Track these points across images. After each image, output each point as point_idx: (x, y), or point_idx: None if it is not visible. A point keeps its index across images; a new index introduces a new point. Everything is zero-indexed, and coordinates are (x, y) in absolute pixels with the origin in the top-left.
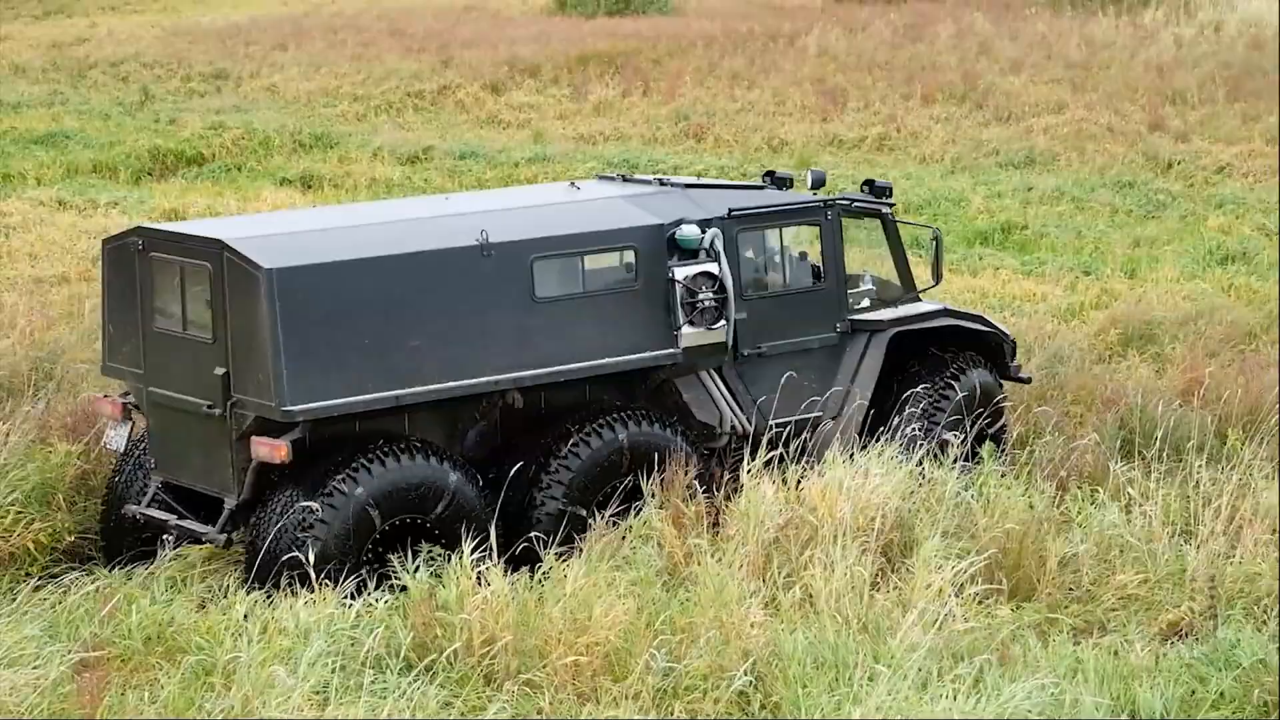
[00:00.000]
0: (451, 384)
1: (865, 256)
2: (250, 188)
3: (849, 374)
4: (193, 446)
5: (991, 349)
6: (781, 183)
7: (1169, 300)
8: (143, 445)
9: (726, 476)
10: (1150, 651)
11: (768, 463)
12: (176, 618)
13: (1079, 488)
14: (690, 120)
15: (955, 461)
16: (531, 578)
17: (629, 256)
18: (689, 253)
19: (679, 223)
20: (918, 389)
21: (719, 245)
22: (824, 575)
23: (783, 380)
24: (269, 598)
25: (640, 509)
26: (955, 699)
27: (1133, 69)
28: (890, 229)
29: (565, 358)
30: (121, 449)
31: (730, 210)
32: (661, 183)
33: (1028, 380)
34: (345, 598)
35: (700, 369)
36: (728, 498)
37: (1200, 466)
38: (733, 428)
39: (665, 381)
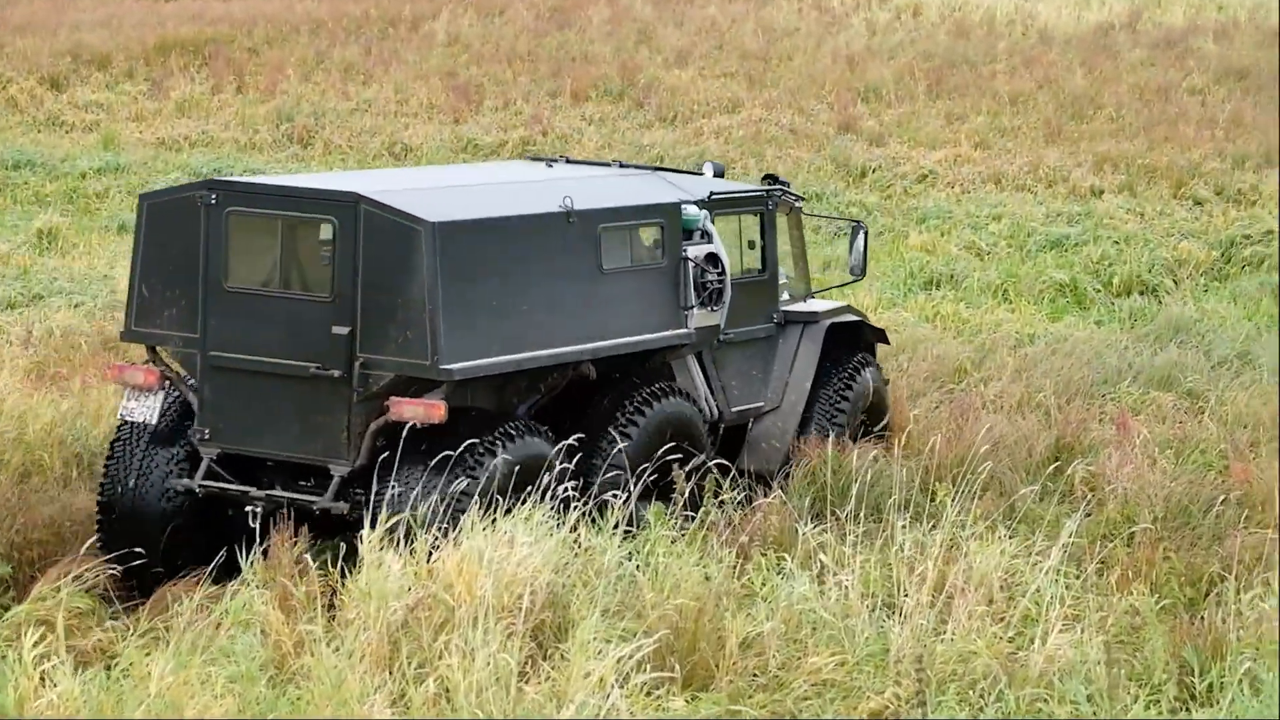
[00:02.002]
0: (558, 350)
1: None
2: None
3: (786, 365)
4: (282, 413)
5: (869, 347)
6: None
7: None
8: (168, 416)
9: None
10: None
11: (391, 530)
12: None
13: (763, 555)
14: (294, 122)
15: None
16: (108, 675)
17: (657, 234)
18: (687, 233)
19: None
20: (828, 384)
21: (710, 227)
22: (463, 665)
23: (741, 368)
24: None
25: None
26: None
27: (819, 61)
28: (798, 224)
29: (622, 331)
30: (153, 421)
31: (711, 193)
32: (621, 165)
33: (887, 382)
34: None
35: (694, 351)
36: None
37: (903, 527)
38: (705, 415)
39: (663, 364)
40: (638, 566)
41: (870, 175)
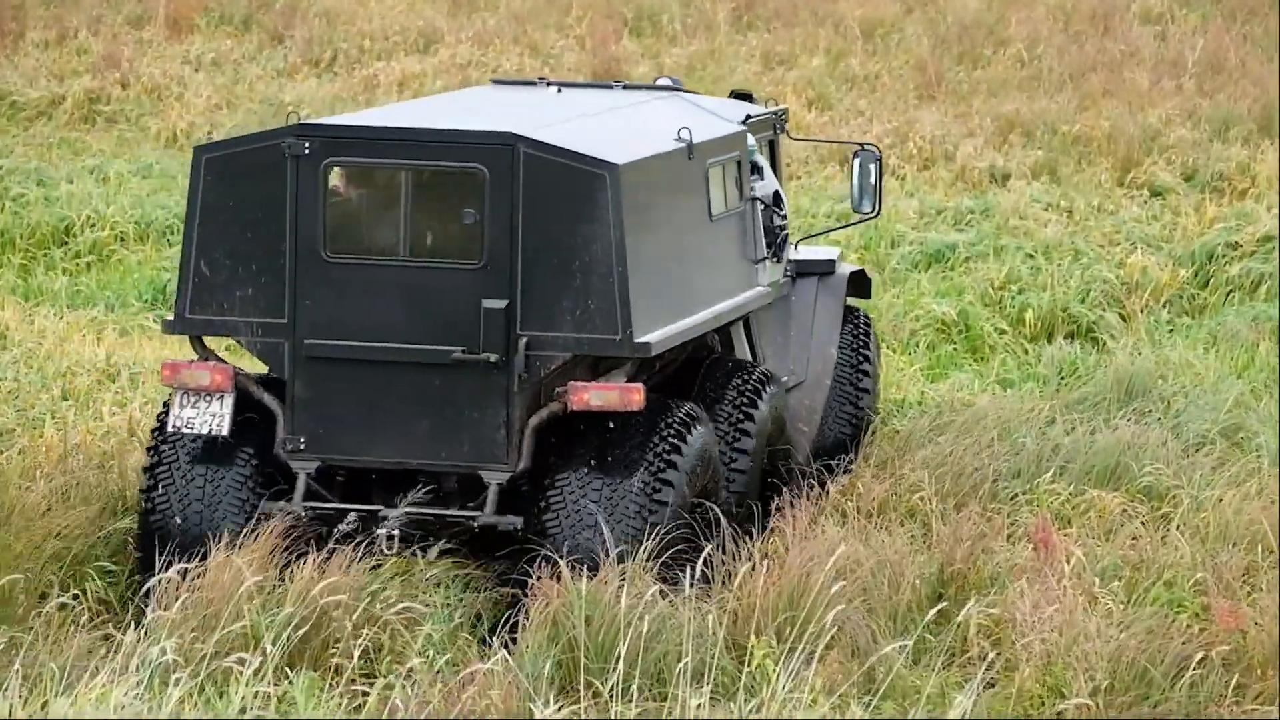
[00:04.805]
0: (707, 312)
1: None
2: None
3: (805, 328)
4: (409, 411)
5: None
6: None
7: None
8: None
9: None
10: None
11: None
12: None
13: None
14: None
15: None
16: None
17: (735, 170)
18: None
19: None
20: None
21: (761, 159)
22: None
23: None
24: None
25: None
26: None
27: None
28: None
29: (730, 289)
30: (224, 432)
31: (747, 116)
32: (625, 86)
33: None
34: None
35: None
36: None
37: (699, 707)
38: None
39: (725, 332)
40: None
41: None
